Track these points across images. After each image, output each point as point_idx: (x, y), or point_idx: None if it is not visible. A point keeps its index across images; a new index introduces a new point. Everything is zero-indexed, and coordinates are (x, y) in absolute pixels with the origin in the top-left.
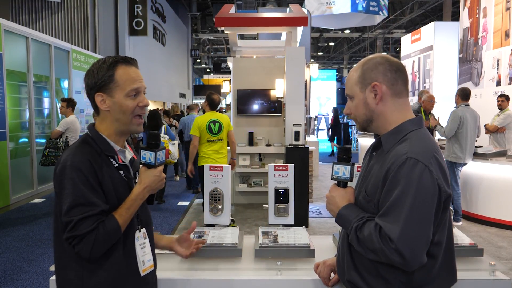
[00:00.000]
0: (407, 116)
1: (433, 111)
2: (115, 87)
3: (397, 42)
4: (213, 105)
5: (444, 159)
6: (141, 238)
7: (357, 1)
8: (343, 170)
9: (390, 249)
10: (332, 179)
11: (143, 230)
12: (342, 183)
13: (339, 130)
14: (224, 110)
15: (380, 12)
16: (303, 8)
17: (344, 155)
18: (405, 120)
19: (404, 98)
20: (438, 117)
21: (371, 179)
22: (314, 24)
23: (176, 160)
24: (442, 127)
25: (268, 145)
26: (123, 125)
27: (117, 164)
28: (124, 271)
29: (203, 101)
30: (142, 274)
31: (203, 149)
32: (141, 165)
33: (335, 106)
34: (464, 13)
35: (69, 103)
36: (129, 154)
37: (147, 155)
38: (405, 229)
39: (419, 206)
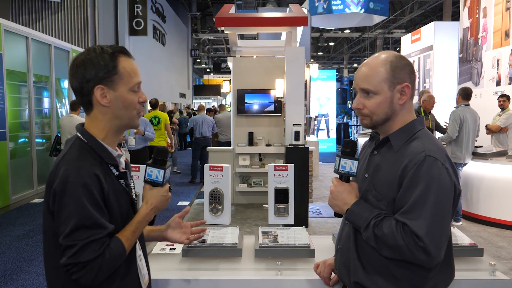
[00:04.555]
0: (412, 116)
1: (433, 111)
2: (119, 80)
3: (397, 42)
4: (152, 105)
5: None
6: (137, 249)
7: (316, 4)
8: (350, 165)
9: (416, 246)
10: (338, 172)
11: (137, 241)
12: (345, 177)
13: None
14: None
15: (347, 9)
16: (303, 8)
17: (349, 148)
18: (411, 120)
19: (412, 99)
20: (445, 123)
21: (380, 178)
22: (313, 24)
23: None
24: (445, 131)
25: (268, 145)
26: (126, 120)
27: (117, 173)
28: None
29: (203, 101)
30: (144, 287)
31: None
32: (144, 183)
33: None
34: (464, 13)
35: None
36: (122, 158)
37: (154, 173)
38: (431, 226)
39: (442, 203)
